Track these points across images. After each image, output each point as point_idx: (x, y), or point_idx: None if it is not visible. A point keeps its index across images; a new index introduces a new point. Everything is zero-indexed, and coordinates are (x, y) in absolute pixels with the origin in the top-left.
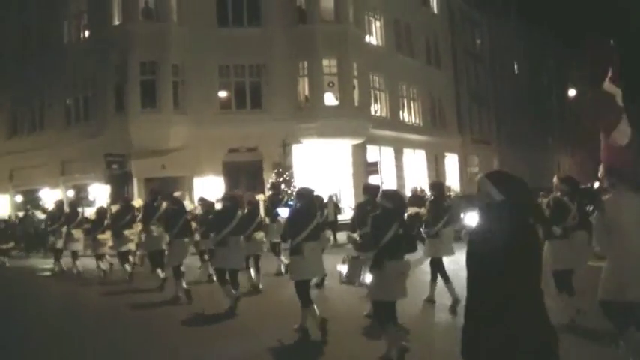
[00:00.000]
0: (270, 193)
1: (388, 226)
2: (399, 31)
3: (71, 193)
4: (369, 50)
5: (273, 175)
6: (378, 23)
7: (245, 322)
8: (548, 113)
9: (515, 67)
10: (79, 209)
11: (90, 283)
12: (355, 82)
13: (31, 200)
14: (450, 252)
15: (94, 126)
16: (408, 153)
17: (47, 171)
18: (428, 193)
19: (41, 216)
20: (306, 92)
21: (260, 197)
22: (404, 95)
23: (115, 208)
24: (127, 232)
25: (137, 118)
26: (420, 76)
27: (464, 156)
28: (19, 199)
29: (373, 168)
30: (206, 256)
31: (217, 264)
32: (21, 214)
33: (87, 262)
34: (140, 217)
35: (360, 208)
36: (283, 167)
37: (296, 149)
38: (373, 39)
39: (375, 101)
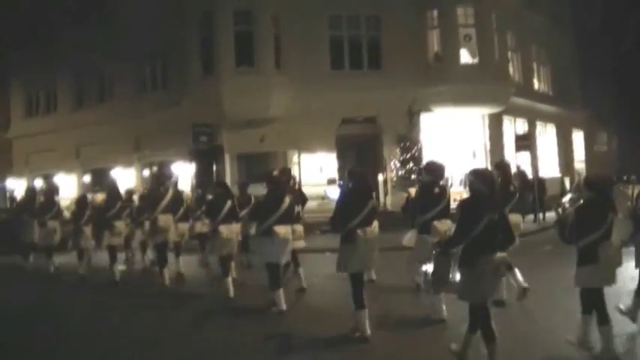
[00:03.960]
0: None
1: (481, 213)
2: None
3: (147, 172)
4: (504, 1)
5: (398, 150)
6: None
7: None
8: None
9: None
10: (56, 198)
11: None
12: (495, 37)
13: (100, 181)
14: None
15: (173, 93)
16: (539, 127)
17: (119, 147)
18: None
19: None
20: (437, 49)
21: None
22: (534, 58)
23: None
24: (117, 224)
25: (231, 79)
26: (548, 37)
27: (590, 133)
28: (87, 179)
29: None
30: None
31: (268, 258)
32: None
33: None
34: (140, 205)
35: (423, 192)
36: (410, 141)
37: (424, 119)
38: None
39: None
